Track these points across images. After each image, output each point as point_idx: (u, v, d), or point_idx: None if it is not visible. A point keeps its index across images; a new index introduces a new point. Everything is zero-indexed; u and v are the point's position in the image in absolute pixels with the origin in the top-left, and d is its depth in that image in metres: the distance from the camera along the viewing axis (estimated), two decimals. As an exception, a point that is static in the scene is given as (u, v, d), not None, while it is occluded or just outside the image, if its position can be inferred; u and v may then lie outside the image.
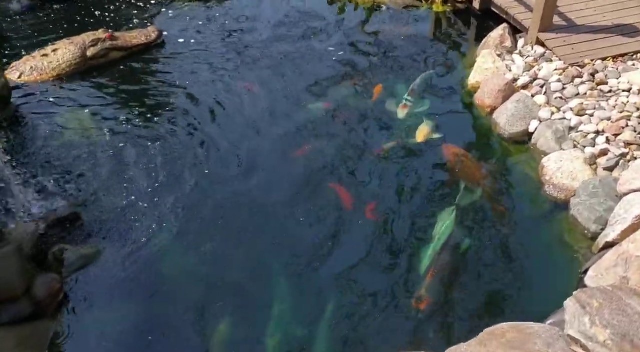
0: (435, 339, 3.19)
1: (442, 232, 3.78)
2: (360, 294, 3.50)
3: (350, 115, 4.93)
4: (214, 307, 3.44)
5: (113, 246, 3.77)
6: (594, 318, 2.77)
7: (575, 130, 4.41)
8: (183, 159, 4.47)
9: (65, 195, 4.06)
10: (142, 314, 3.43)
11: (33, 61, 5.36)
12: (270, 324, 3.32)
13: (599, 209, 3.77)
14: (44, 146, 4.51)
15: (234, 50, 5.81)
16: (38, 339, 3.13)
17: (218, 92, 5.22)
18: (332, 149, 4.58)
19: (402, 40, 5.98)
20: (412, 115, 4.88)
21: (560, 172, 4.15)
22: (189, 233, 3.90)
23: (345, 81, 5.34)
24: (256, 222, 3.99)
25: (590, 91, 4.67)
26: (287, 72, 5.48)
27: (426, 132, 4.69)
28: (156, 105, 5.05)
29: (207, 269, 3.69)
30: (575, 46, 5.14)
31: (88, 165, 4.34)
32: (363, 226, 3.92)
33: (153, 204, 4.06)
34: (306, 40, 5.96)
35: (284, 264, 3.70)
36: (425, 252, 3.69)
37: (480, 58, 5.42)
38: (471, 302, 3.44)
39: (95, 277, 3.60)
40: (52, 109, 4.94)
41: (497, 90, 4.90)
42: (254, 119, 4.93)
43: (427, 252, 3.68)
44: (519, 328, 2.87)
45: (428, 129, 4.71)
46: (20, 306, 3.14)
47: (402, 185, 4.28)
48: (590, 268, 3.42)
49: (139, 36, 5.80)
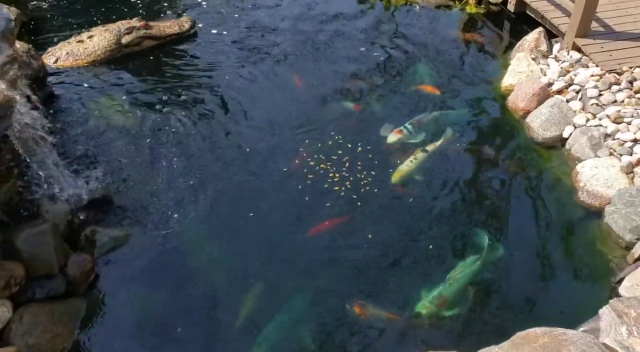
0: (466, 340, 3.15)
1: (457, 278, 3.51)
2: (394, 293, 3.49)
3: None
4: (240, 292, 3.46)
5: (143, 229, 3.81)
6: (632, 328, 2.73)
7: (612, 137, 4.33)
8: (216, 148, 4.49)
9: (98, 178, 4.11)
10: (169, 296, 3.46)
11: (69, 47, 5.43)
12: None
13: (635, 218, 3.70)
14: (78, 129, 4.57)
15: (265, 43, 5.82)
16: (70, 317, 3.18)
17: (250, 84, 5.24)
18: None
19: (434, 41, 5.94)
20: (403, 144, 4.53)
21: (595, 179, 4.09)
22: (220, 221, 3.92)
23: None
24: (292, 217, 3.98)
25: (627, 99, 4.59)
26: (315, 70, 5.45)
27: (404, 174, 4.25)
28: (189, 94, 5.08)
29: (235, 256, 3.70)
30: (613, 53, 5.06)
31: (120, 150, 4.39)
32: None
33: (185, 190, 4.08)
34: (336, 39, 5.94)
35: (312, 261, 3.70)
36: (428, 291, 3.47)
37: (514, 61, 5.36)
38: (503, 306, 3.40)
39: (125, 259, 3.65)
40: (86, 93, 5.00)
41: (531, 94, 4.84)
42: (289, 112, 4.92)
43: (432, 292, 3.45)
44: (553, 334, 2.82)
45: (407, 171, 4.27)
46: (55, 283, 3.19)
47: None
48: (626, 278, 3.36)
49: (172, 26, 5.84)
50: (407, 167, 4.32)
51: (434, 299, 3.38)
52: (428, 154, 4.44)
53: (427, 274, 3.60)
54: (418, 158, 4.38)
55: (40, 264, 3.14)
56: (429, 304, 3.36)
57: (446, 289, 3.44)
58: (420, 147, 4.48)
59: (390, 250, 3.75)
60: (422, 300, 3.39)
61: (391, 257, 3.71)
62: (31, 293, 3.13)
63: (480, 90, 5.32)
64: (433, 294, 3.41)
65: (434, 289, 3.44)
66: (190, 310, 3.39)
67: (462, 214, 4.03)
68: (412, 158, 4.38)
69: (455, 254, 3.73)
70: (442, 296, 3.39)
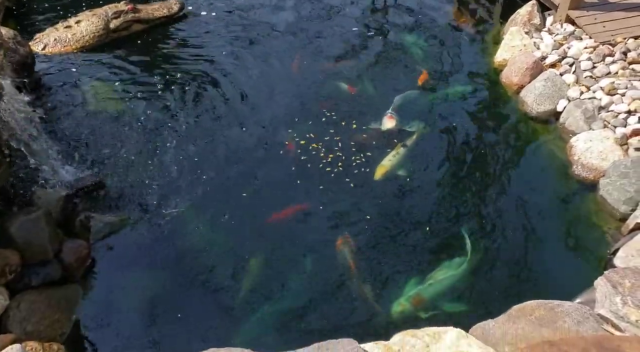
0: (462, 316, 3.18)
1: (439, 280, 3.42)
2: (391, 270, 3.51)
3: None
4: (235, 275, 3.48)
5: (138, 214, 3.80)
6: (626, 298, 2.75)
7: (606, 110, 4.31)
8: (208, 130, 4.46)
9: (89, 164, 4.08)
10: (166, 280, 3.48)
11: (56, 33, 5.34)
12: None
13: (630, 189, 3.70)
14: (68, 115, 4.53)
15: (255, 24, 5.74)
16: (67, 303, 3.18)
17: (241, 65, 5.18)
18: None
19: (427, 17, 5.86)
20: (400, 131, 4.44)
21: (589, 152, 4.08)
22: (214, 204, 3.90)
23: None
24: (283, 199, 3.96)
25: (621, 70, 4.55)
26: (307, 51, 5.38)
27: (387, 170, 4.13)
28: (179, 78, 5.03)
29: (229, 238, 3.70)
30: (606, 24, 5.00)
31: (111, 136, 4.35)
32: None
33: (177, 174, 4.06)
34: (327, 18, 5.84)
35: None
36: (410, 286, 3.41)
37: (507, 35, 5.30)
38: (499, 280, 3.43)
39: (121, 245, 3.65)
40: (76, 79, 4.94)
41: (524, 68, 4.80)
42: (278, 91, 4.88)
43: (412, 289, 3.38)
44: (548, 306, 2.84)
45: (389, 166, 4.15)
46: (50, 269, 3.18)
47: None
48: (620, 249, 3.37)
49: (160, 8, 5.75)
50: (389, 162, 4.19)
51: (411, 298, 3.30)
52: (408, 148, 4.31)
53: (410, 268, 3.52)
54: (400, 153, 4.27)
55: (35, 251, 3.14)
56: (405, 302, 3.29)
57: (425, 289, 3.36)
58: (400, 143, 4.35)
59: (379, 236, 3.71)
60: (399, 298, 3.32)
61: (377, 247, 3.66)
62: (27, 280, 3.13)
63: (473, 66, 5.27)
64: (410, 293, 3.33)
65: (413, 288, 3.36)
66: (187, 293, 3.40)
67: (456, 191, 4.03)
68: (395, 153, 4.26)
69: (443, 247, 3.63)
70: (419, 295, 3.31)
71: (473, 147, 4.42)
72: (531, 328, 2.74)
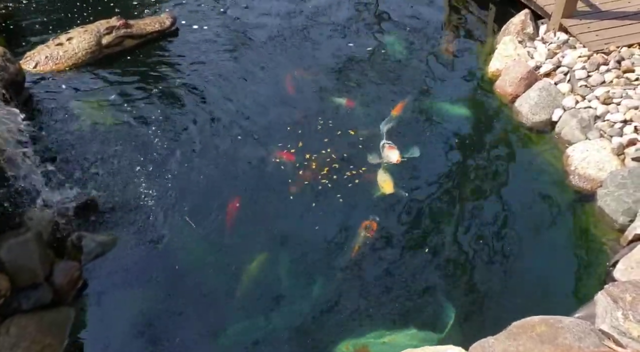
0: (462, 333, 3.12)
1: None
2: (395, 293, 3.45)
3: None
4: (229, 296, 3.42)
5: (130, 233, 3.74)
6: (627, 313, 2.70)
7: (602, 119, 4.29)
8: (201, 148, 4.41)
9: (81, 183, 4.02)
10: (159, 300, 3.41)
11: (48, 50, 5.29)
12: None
13: (628, 200, 3.66)
14: (60, 134, 4.47)
15: (248, 37, 5.72)
16: (59, 326, 3.12)
17: (234, 80, 5.15)
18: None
19: (419, 26, 5.86)
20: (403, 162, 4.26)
21: (585, 162, 4.05)
22: (207, 222, 3.84)
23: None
24: (277, 212, 3.93)
25: (616, 79, 4.54)
26: (300, 64, 5.35)
27: (392, 182, 4.07)
28: (173, 94, 4.99)
29: (223, 258, 3.64)
30: (599, 32, 5.00)
31: (104, 154, 4.30)
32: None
33: (170, 192, 4.01)
34: (320, 31, 5.83)
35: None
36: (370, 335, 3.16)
37: (500, 45, 5.29)
38: (497, 295, 3.37)
39: (113, 265, 3.58)
40: (68, 97, 4.88)
41: (519, 78, 4.79)
42: (272, 106, 4.84)
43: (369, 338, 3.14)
44: (549, 322, 2.79)
45: (391, 178, 4.10)
46: (41, 293, 3.12)
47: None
48: (620, 261, 3.33)
49: (152, 23, 5.72)
50: (391, 176, 4.12)
51: (359, 346, 3.09)
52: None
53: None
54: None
55: (25, 274, 3.07)
56: (351, 348, 3.09)
57: (376, 345, 3.11)
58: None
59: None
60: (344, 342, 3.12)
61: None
62: (17, 304, 3.06)
63: (466, 76, 5.26)
64: (359, 341, 3.11)
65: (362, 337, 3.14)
66: (179, 314, 3.33)
67: (451, 205, 3.98)
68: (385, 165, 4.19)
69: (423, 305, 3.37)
70: (366, 348, 3.10)
71: (468, 159, 4.38)
72: (532, 345, 2.68)
